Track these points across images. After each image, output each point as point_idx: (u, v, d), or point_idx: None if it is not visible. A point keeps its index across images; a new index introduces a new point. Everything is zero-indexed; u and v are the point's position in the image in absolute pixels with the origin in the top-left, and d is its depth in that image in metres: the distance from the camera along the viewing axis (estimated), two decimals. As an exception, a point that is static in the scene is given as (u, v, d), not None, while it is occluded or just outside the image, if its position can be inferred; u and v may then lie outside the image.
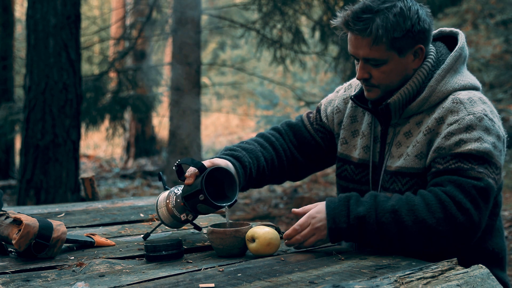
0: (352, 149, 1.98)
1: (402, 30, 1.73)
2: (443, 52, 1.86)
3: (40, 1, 5.07)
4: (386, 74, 1.80)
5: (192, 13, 6.81)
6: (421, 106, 1.81)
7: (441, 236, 1.64)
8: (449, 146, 1.71)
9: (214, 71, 16.56)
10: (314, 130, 2.08)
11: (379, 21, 1.72)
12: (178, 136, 6.85)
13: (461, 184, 1.66)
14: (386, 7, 1.73)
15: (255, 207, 7.26)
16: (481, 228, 1.68)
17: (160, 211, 1.89)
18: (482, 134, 1.70)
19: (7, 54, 8.79)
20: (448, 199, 1.64)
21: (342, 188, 2.01)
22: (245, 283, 1.41)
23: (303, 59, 7.65)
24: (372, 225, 1.65)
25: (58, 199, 5.06)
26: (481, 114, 1.72)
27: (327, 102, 2.10)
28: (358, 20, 1.74)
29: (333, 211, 1.69)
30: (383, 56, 1.76)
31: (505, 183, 6.66)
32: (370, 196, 1.71)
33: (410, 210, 1.65)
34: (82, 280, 1.48)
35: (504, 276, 1.89)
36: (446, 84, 1.79)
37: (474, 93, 1.79)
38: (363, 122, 1.96)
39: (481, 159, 1.68)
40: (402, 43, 1.75)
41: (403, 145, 1.83)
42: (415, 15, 1.75)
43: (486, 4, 8.36)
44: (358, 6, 1.76)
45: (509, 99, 8.11)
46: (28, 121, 5.12)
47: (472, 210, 1.64)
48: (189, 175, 1.75)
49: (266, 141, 2.06)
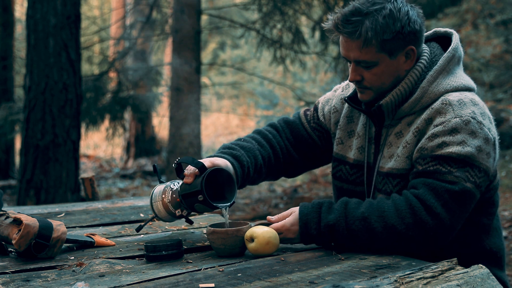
0: (348, 149, 1.98)
1: (392, 32, 1.73)
2: (436, 53, 1.86)
3: (40, 1, 5.07)
4: (378, 76, 1.80)
5: (192, 13, 6.81)
6: (413, 107, 1.81)
7: (411, 241, 1.66)
8: (431, 148, 1.71)
9: (214, 71, 16.56)
10: (311, 129, 2.09)
11: (368, 23, 1.73)
12: (178, 136, 6.85)
13: (435, 187, 1.67)
14: (375, 9, 1.74)
15: (255, 207, 7.26)
16: (454, 231, 1.69)
17: (155, 205, 1.88)
18: (466, 138, 1.69)
19: (7, 54, 8.79)
20: (418, 204, 1.66)
21: (337, 188, 2.03)
22: (245, 283, 1.41)
23: (303, 59, 7.65)
24: (343, 233, 1.69)
25: (58, 199, 5.06)
26: (468, 117, 1.70)
27: (325, 101, 2.10)
28: (347, 23, 1.75)
29: (305, 217, 1.73)
30: (374, 58, 1.77)
31: (505, 183, 6.65)
32: (341, 203, 1.73)
33: (379, 216, 1.67)
34: (82, 280, 1.48)
35: (503, 275, 1.90)
36: (438, 86, 1.79)
37: (466, 94, 1.77)
38: (359, 122, 1.97)
39: (462, 162, 1.68)
40: (392, 45, 1.75)
41: (394, 145, 1.84)
42: (405, 17, 1.74)
43: (486, 4, 8.36)
44: (348, 8, 1.77)
45: (509, 99, 8.11)
46: (28, 121, 5.12)
47: (443, 214, 1.65)
48: (189, 174, 1.76)
49: (263, 138, 2.06)
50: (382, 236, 1.66)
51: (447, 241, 1.69)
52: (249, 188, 8.52)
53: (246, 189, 8.45)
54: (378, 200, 1.72)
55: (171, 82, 7.40)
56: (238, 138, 2.07)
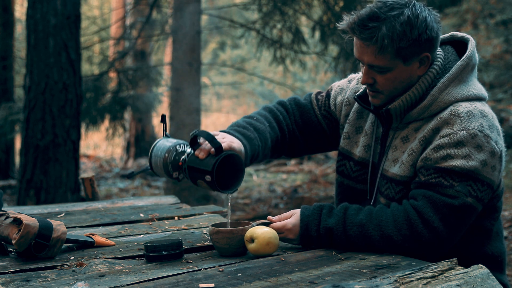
0: (354, 145, 1.97)
1: (409, 39, 1.70)
2: (450, 59, 1.82)
3: (40, 1, 5.07)
4: (391, 81, 1.77)
5: (192, 13, 6.81)
6: (421, 113, 1.79)
7: (407, 252, 1.66)
8: (435, 159, 1.70)
9: (214, 71, 16.57)
10: (321, 116, 2.07)
11: (385, 30, 1.68)
12: (178, 136, 6.84)
13: (435, 201, 1.67)
14: (393, 15, 1.69)
15: (255, 207, 7.25)
16: (451, 244, 1.70)
17: (154, 159, 1.84)
18: (471, 151, 1.67)
19: (7, 54, 8.78)
20: (416, 216, 1.66)
21: (338, 183, 2.03)
22: (245, 283, 1.41)
23: (303, 59, 7.65)
24: (341, 237, 1.70)
25: (58, 199, 5.05)
26: (475, 130, 1.68)
27: (338, 90, 2.07)
28: (364, 28, 1.70)
29: (306, 219, 1.74)
30: (388, 64, 1.74)
31: (505, 183, 6.66)
32: (341, 208, 1.74)
33: (377, 225, 1.68)
34: (82, 280, 1.48)
35: (503, 278, 1.90)
36: (449, 94, 1.76)
37: (476, 105, 1.74)
38: (368, 120, 1.95)
39: (465, 176, 1.67)
40: (408, 51, 1.72)
41: (399, 149, 1.83)
42: (422, 24, 1.70)
43: (486, 4, 8.36)
44: (365, 12, 1.72)
45: (509, 99, 8.11)
46: (28, 121, 5.12)
47: (440, 228, 1.66)
48: (204, 149, 1.72)
49: (274, 119, 2.04)
50: (379, 245, 1.68)
51: (443, 253, 1.70)
52: (249, 188, 8.52)
53: (246, 189, 8.45)
54: (378, 208, 1.72)
55: (171, 82, 7.40)
56: (250, 115, 2.03)
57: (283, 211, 6.92)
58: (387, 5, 1.71)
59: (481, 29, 9.50)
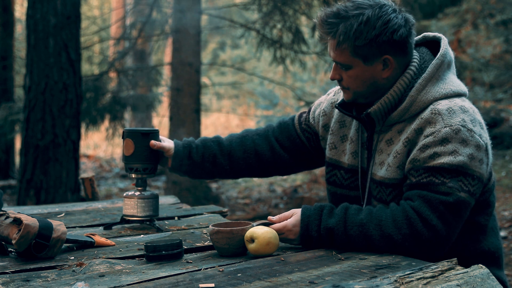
0: (342, 154, 1.99)
1: (365, 39, 1.75)
2: (426, 59, 1.85)
3: (40, 1, 5.07)
4: (353, 79, 1.82)
5: (192, 13, 6.81)
6: (402, 115, 1.81)
7: (407, 251, 1.67)
8: (423, 159, 1.72)
9: (214, 71, 16.57)
10: (301, 130, 2.13)
11: (342, 27, 1.76)
12: (178, 136, 6.83)
13: (430, 199, 1.68)
14: (354, 14, 1.75)
15: (255, 207, 7.26)
16: (450, 241, 1.71)
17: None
18: (457, 147, 1.69)
19: (7, 54, 8.78)
20: (415, 215, 1.68)
21: (331, 194, 2.03)
22: (245, 283, 1.41)
23: (303, 59, 7.65)
24: (341, 237, 1.71)
25: (58, 199, 5.05)
26: (458, 125, 1.70)
27: (317, 104, 2.14)
28: (324, 23, 1.79)
29: (307, 219, 1.74)
30: (348, 61, 1.80)
31: (505, 183, 6.66)
32: (342, 208, 1.75)
33: (377, 225, 1.69)
34: (82, 280, 1.48)
35: (501, 274, 1.90)
36: (427, 94, 1.78)
37: (455, 101, 1.76)
38: (351, 127, 1.98)
39: (455, 172, 1.69)
40: (366, 51, 1.77)
41: (384, 152, 1.85)
42: (383, 26, 1.74)
43: (486, 4, 8.35)
44: (331, 9, 1.79)
45: (509, 99, 8.10)
46: (28, 121, 5.12)
47: (439, 226, 1.67)
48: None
49: (239, 137, 2.17)
50: (379, 244, 1.68)
51: (443, 252, 1.71)
52: (249, 188, 8.52)
53: (246, 189, 8.45)
54: (377, 208, 1.73)
55: (171, 82, 7.40)
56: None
57: (283, 211, 6.91)
58: (355, 4, 1.77)
59: (481, 29, 9.50)
